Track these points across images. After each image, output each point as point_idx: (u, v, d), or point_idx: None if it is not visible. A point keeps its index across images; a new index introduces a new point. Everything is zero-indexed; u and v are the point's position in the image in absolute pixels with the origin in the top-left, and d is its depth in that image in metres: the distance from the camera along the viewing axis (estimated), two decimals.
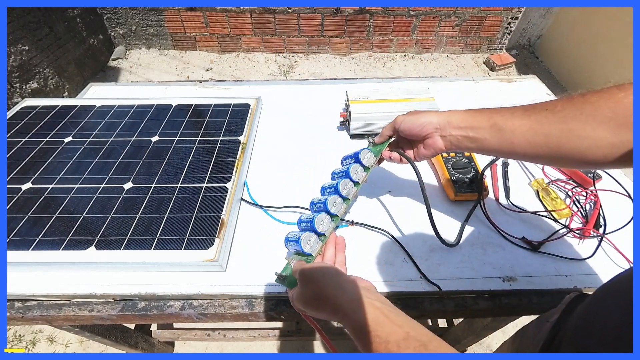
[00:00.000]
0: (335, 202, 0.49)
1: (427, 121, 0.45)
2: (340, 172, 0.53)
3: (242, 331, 1.05)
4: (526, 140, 0.39)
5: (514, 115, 0.41)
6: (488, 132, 0.41)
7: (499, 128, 0.41)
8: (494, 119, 0.41)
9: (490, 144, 0.42)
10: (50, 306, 0.51)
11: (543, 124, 0.38)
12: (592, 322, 0.32)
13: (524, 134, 0.39)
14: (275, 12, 2.46)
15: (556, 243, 0.56)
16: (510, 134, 0.40)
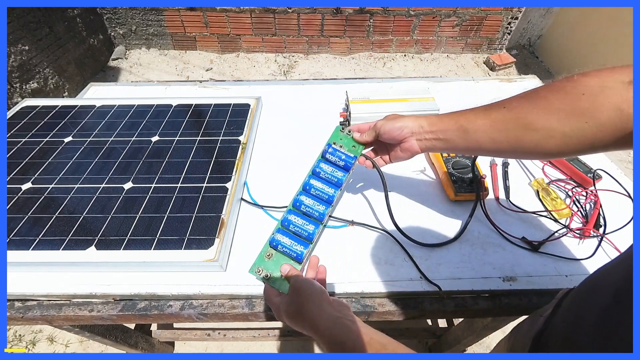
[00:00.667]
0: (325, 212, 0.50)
1: (404, 125, 0.48)
2: (330, 178, 0.52)
3: (242, 331, 1.05)
4: (489, 138, 0.42)
5: (477, 116, 0.44)
6: (455, 133, 0.45)
7: (465, 129, 0.44)
8: (459, 122, 0.45)
9: (459, 144, 0.45)
10: (50, 306, 0.51)
11: (501, 121, 0.41)
12: (576, 312, 0.33)
13: (486, 132, 0.42)
14: (275, 12, 2.46)
15: (556, 243, 0.56)
16: (475, 133, 0.43)
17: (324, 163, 0.53)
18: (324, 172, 0.52)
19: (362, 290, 0.50)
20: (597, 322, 0.28)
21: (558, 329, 0.35)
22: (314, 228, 0.47)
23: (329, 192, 0.50)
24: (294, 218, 0.48)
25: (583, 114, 0.34)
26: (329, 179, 0.52)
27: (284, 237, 0.46)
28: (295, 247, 0.45)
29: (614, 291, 0.28)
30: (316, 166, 0.53)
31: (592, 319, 0.29)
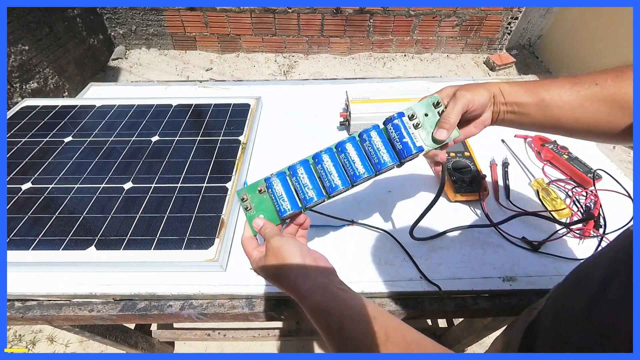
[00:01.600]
0: None
1: (490, 96, 0.40)
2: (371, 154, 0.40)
3: (242, 331, 1.05)
4: (574, 118, 0.38)
5: (562, 89, 0.38)
6: (533, 108, 0.39)
7: (546, 104, 0.39)
8: (540, 94, 0.39)
9: (535, 119, 0.40)
10: (50, 306, 0.51)
11: (594, 100, 0.36)
12: (563, 302, 0.33)
13: (572, 110, 0.38)
14: (275, 12, 2.46)
15: (556, 243, 0.56)
16: (558, 110, 0.38)
17: (377, 133, 0.40)
18: (369, 142, 0.40)
19: (362, 290, 0.50)
20: (583, 313, 0.28)
21: (546, 320, 0.36)
22: (314, 196, 0.39)
23: (359, 169, 0.39)
24: (302, 173, 0.40)
25: None
26: (370, 154, 0.40)
27: (279, 184, 0.40)
28: (283, 201, 0.39)
29: (600, 281, 0.28)
30: (365, 131, 0.41)
31: (578, 309, 0.30)
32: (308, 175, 0.40)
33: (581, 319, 0.28)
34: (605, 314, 0.25)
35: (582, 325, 0.28)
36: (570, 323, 0.30)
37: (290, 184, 0.41)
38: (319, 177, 0.41)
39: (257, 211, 0.40)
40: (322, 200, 0.40)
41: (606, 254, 0.31)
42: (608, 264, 0.29)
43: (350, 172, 0.40)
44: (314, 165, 0.41)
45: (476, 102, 0.39)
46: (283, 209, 0.39)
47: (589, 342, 0.26)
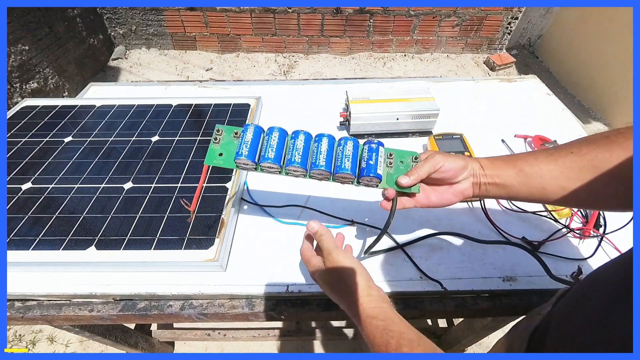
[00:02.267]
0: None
1: (466, 164, 0.42)
2: (340, 153, 0.44)
3: (242, 331, 1.05)
4: (558, 186, 0.38)
5: (538, 159, 0.40)
6: (515, 178, 0.40)
7: (526, 174, 0.40)
8: (518, 165, 0.41)
9: (520, 191, 0.41)
10: (50, 306, 0.51)
11: (573, 169, 0.37)
12: (577, 308, 0.33)
13: (555, 179, 0.38)
14: (275, 12, 2.46)
15: (556, 243, 0.56)
16: (540, 179, 0.39)
17: (353, 145, 0.44)
18: (342, 148, 0.44)
19: None
20: (597, 320, 0.28)
21: (555, 326, 0.35)
22: (272, 157, 0.42)
23: (320, 161, 0.43)
24: (274, 137, 0.43)
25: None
26: (338, 156, 0.44)
27: (251, 134, 0.43)
28: (245, 147, 0.42)
29: (613, 290, 0.28)
30: (344, 139, 0.45)
31: (591, 317, 0.29)
32: (278, 141, 0.43)
33: (596, 326, 0.28)
34: (620, 323, 0.25)
35: (597, 333, 0.28)
36: (583, 330, 0.30)
37: (260, 140, 0.43)
38: (287, 148, 0.44)
39: (221, 148, 0.43)
40: (276, 165, 0.43)
41: (621, 262, 0.31)
42: (623, 273, 0.28)
43: (312, 159, 0.43)
44: (289, 139, 0.45)
45: (446, 165, 0.42)
46: (240, 153, 0.42)
47: (602, 349, 0.26)
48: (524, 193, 0.41)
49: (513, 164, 0.41)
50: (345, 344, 1.21)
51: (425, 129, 0.76)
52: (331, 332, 1.05)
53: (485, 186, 0.42)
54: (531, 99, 0.86)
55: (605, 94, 2.18)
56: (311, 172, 0.44)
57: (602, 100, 2.21)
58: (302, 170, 0.43)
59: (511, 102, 0.86)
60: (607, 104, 2.18)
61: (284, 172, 0.44)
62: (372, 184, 0.44)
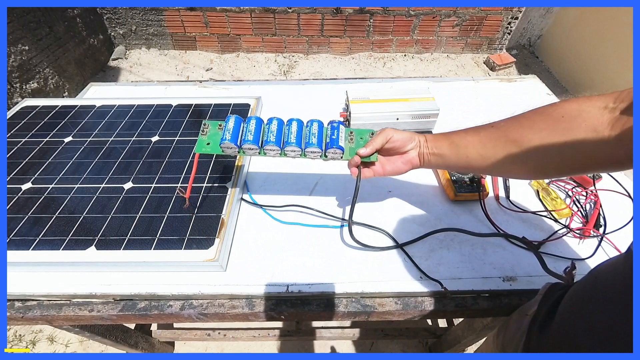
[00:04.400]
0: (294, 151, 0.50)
1: (413, 136, 0.50)
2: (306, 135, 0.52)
3: (242, 331, 1.05)
4: (478, 154, 0.45)
5: (467, 133, 0.47)
6: (448, 149, 0.48)
7: (456, 145, 0.47)
8: (451, 138, 0.48)
9: (451, 159, 0.48)
10: (50, 306, 0.51)
11: (489, 138, 0.44)
12: (579, 313, 0.32)
13: (475, 148, 0.45)
14: (275, 12, 2.46)
15: (556, 243, 0.56)
16: (465, 149, 0.46)
17: (318, 125, 0.52)
18: (309, 128, 0.52)
19: (362, 290, 0.50)
20: (601, 326, 0.28)
21: (557, 330, 0.35)
22: (251, 139, 0.49)
23: (291, 139, 0.50)
24: (252, 124, 0.51)
25: (562, 134, 0.37)
26: (306, 135, 0.51)
27: (232, 123, 0.50)
28: (227, 133, 0.49)
29: (619, 297, 0.28)
30: (311, 120, 0.53)
31: (594, 321, 0.29)
32: (255, 127, 0.51)
33: (600, 328, 0.28)
34: (625, 322, 0.25)
35: (600, 335, 0.27)
36: (586, 332, 0.30)
37: (240, 127, 0.51)
38: (263, 132, 0.51)
39: (208, 139, 0.51)
40: (255, 146, 0.49)
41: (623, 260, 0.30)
42: (622, 275, 0.28)
43: (284, 139, 0.51)
44: (265, 125, 0.52)
45: (395, 136, 0.50)
46: (224, 138, 0.49)
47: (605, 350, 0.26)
48: (454, 161, 0.48)
49: (447, 137, 0.49)
50: (345, 344, 1.21)
51: (425, 129, 0.76)
52: (331, 332, 1.05)
53: (428, 156, 0.50)
54: (531, 99, 0.86)
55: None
56: (285, 150, 0.50)
57: None
58: (276, 148, 0.50)
59: (511, 102, 0.86)
60: None
61: (262, 152, 0.50)
62: (337, 156, 0.51)
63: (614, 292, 0.29)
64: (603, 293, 0.31)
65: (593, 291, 0.33)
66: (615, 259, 0.32)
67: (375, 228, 0.58)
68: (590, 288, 0.33)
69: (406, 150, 0.50)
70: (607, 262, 0.34)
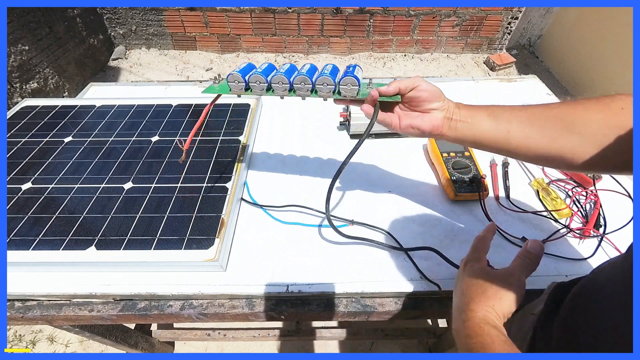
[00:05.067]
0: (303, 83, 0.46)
1: (442, 96, 0.44)
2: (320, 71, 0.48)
3: (242, 331, 1.05)
4: (522, 132, 0.40)
5: (512, 108, 0.42)
6: (485, 119, 0.42)
7: (496, 116, 0.42)
8: (491, 109, 0.43)
9: (486, 132, 0.42)
10: (50, 306, 0.51)
11: (540, 117, 0.39)
12: (584, 315, 0.32)
13: (521, 124, 0.40)
14: (275, 12, 2.46)
15: (556, 243, 0.56)
16: (507, 123, 0.41)
17: (332, 67, 0.48)
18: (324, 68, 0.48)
19: (362, 290, 0.50)
20: (610, 329, 0.28)
21: (560, 333, 0.35)
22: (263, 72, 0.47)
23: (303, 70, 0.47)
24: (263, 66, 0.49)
25: (621, 127, 0.34)
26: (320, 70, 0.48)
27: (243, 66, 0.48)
28: (237, 69, 0.47)
29: (619, 298, 0.27)
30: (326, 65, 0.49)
31: (598, 322, 0.29)
32: (267, 67, 0.48)
33: (604, 329, 0.28)
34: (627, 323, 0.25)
35: (605, 336, 0.27)
36: (599, 338, 0.29)
37: (251, 70, 0.48)
38: (273, 72, 0.48)
39: (218, 87, 0.48)
40: (263, 78, 0.46)
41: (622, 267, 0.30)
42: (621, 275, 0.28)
43: (295, 74, 0.46)
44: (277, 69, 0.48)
45: (423, 85, 0.43)
46: (232, 72, 0.46)
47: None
48: (490, 135, 0.42)
49: (486, 108, 0.43)
50: (345, 344, 1.21)
51: None
52: (331, 332, 1.05)
53: (456, 123, 0.43)
54: (531, 99, 0.86)
55: (605, 94, 2.17)
56: (294, 81, 0.46)
57: None
58: (285, 80, 0.45)
59: (511, 102, 0.85)
60: None
61: (270, 90, 0.47)
62: (352, 92, 0.46)
63: (613, 292, 0.29)
64: (603, 293, 0.31)
65: (593, 291, 0.33)
66: (615, 259, 0.32)
67: (375, 228, 0.58)
68: (591, 288, 0.33)
69: (431, 107, 0.44)
70: (608, 262, 0.34)
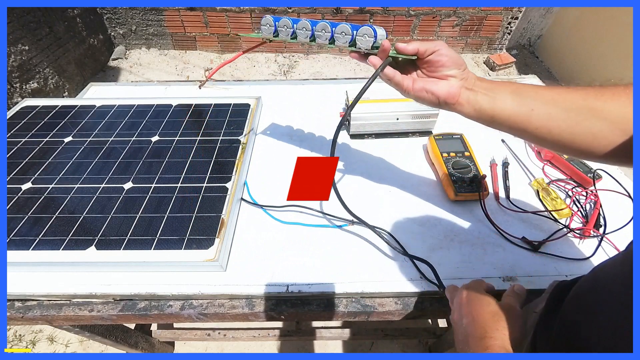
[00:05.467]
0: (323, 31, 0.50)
1: (463, 64, 0.42)
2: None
3: (242, 331, 1.05)
4: (545, 112, 0.38)
5: (537, 87, 0.40)
6: (508, 95, 0.40)
7: (519, 93, 0.40)
8: (515, 85, 0.41)
9: (508, 108, 0.40)
10: (50, 306, 0.51)
11: (565, 98, 0.38)
12: (584, 315, 0.32)
13: (545, 103, 0.38)
14: (275, 12, 2.46)
15: (556, 243, 0.56)
16: (531, 100, 0.39)
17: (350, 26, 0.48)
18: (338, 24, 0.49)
19: (362, 290, 0.50)
20: (610, 328, 0.28)
21: (561, 333, 0.35)
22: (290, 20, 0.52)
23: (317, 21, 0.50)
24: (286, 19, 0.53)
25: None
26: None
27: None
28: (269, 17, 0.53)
29: (618, 297, 0.27)
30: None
31: (599, 324, 0.29)
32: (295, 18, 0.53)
33: (612, 332, 0.28)
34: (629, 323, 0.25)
35: (615, 340, 0.27)
36: (600, 336, 0.29)
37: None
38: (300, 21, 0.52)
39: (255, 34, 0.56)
40: (289, 22, 0.52)
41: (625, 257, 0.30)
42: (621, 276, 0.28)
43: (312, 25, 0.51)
44: None
45: (443, 50, 0.42)
46: (265, 17, 0.54)
47: None
48: (511, 112, 0.40)
49: (510, 84, 0.41)
50: (345, 344, 1.21)
51: (426, 129, 0.76)
52: (331, 332, 1.05)
53: (476, 94, 0.41)
54: None
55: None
56: (315, 28, 0.51)
57: None
58: (309, 26, 0.51)
59: None
60: None
61: (295, 35, 0.53)
62: (368, 43, 0.45)
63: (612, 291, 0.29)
64: (602, 293, 0.31)
65: (593, 290, 0.33)
66: (615, 258, 0.32)
67: (375, 228, 0.58)
68: (590, 287, 0.33)
69: (449, 74, 0.42)
70: (607, 261, 0.33)
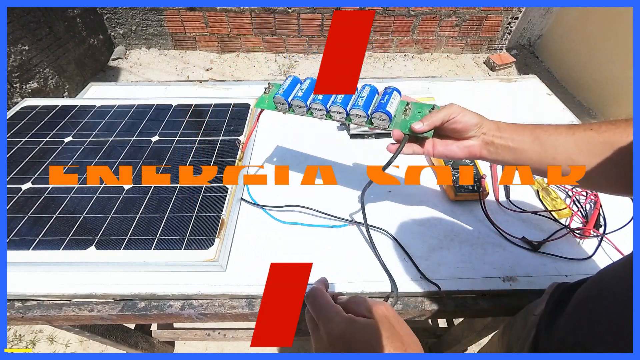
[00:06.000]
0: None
1: (481, 122, 0.43)
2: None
3: (242, 331, 1.05)
4: (568, 158, 0.38)
5: (558, 131, 0.40)
6: (530, 145, 0.40)
7: (541, 142, 0.40)
8: (536, 132, 0.41)
9: (530, 157, 0.41)
10: (50, 306, 0.51)
11: (587, 143, 0.37)
12: (587, 317, 0.32)
13: (567, 149, 0.38)
14: (275, 12, 2.46)
15: (556, 243, 0.56)
16: (553, 150, 0.39)
17: (370, 90, 0.49)
18: (359, 93, 0.49)
19: (362, 290, 0.50)
20: (612, 329, 0.28)
21: (563, 337, 0.35)
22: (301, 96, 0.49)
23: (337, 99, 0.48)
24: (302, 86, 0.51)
25: None
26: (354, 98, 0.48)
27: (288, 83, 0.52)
28: (282, 89, 0.51)
29: (622, 300, 0.27)
30: (364, 85, 0.50)
31: (603, 327, 0.29)
32: (309, 86, 0.51)
33: (613, 336, 0.28)
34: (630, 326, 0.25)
35: (615, 343, 0.27)
36: (600, 341, 0.29)
37: (295, 87, 0.52)
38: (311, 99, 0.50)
39: (268, 97, 0.52)
40: (303, 104, 0.49)
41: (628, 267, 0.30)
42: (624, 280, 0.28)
43: (332, 100, 0.49)
44: None
45: (459, 117, 0.42)
46: (277, 92, 0.51)
47: None
48: (534, 161, 0.40)
49: (531, 131, 0.41)
50: None
51: None
52: None
53: (496, 148, 0.42)
54: (531, 99, 0.86)
55: (605, 94, 2.18)
56: (330, 108, 0.48)
57: (602, 100, 2.21)
58: (322, 107, 0.49)
59: (511, 102, 0.85)
60: (607, 103, 2.18)
61: (309, 112, 0.50)
62: (384, 124, 0.46)
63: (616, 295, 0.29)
64: (607, 296, 0.31)
65: (598, 293, 0.33)
66: (620, 262, 0.32)
67: (375, 228, 0.58)
68: (595, 290, 0.33)
69: (466, 136, 0.43)
70: (613, 264, 0.33)
